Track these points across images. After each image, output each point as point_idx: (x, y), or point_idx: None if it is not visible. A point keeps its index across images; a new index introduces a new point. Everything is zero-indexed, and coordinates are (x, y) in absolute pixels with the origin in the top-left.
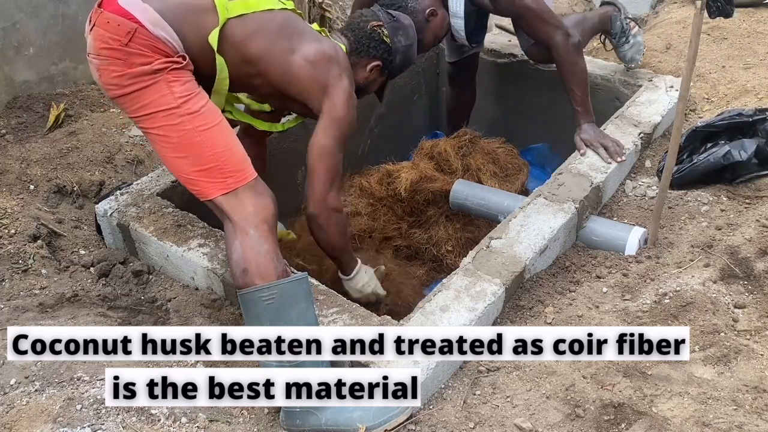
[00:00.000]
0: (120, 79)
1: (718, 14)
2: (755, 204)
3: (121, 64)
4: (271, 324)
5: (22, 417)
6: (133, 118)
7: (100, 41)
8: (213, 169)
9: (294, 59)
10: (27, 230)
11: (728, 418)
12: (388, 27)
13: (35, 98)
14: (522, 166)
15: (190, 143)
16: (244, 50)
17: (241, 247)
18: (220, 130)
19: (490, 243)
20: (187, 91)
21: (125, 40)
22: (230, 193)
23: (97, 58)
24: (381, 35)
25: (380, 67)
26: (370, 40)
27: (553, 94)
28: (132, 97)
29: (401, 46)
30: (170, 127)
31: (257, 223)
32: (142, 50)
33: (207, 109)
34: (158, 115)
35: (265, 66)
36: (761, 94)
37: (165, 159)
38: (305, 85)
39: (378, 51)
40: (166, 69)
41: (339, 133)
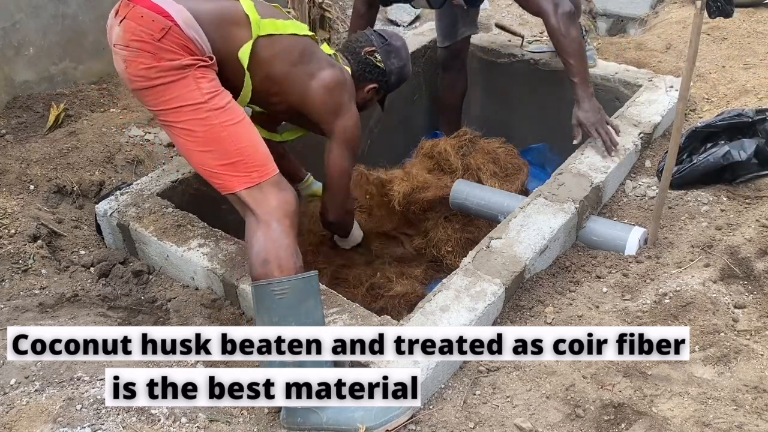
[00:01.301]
0: (148, 72)
1: (718, 14)
2: (755, 204)
3: (151, 58)
4: (280, 318)
5: (22, 417)
6: (155, 111)
7: (131, 33)
8: (238, 164)
9: (313, 85)
10: (27, 230)
11: (728, 418)
12: (381, 51)
13: (35, 98)
14: (522, 166)
15: (216, 138)
16: (269, 69)
17: (263, 239)
18: (244, 126)
19: (490, 243)
20: (213, 87)
21: (158, 36)
22: (254, 187)
23: (126, 49)
24: (374, 61)
25: (376, 88)
26: (365, 66)
27: (553, 93)
28: (157, 91)
29: (395, 68)
30: (197, 122)
31: (280, 217)
32: (173, 47)
33: (232, 106)
34: (185, 109)
35: (287, 87)
36: (761, 94)
37: (188, 153)
38: (321, 109)
39: (373, 75)
40: (194, 66)
41: (351, 153)
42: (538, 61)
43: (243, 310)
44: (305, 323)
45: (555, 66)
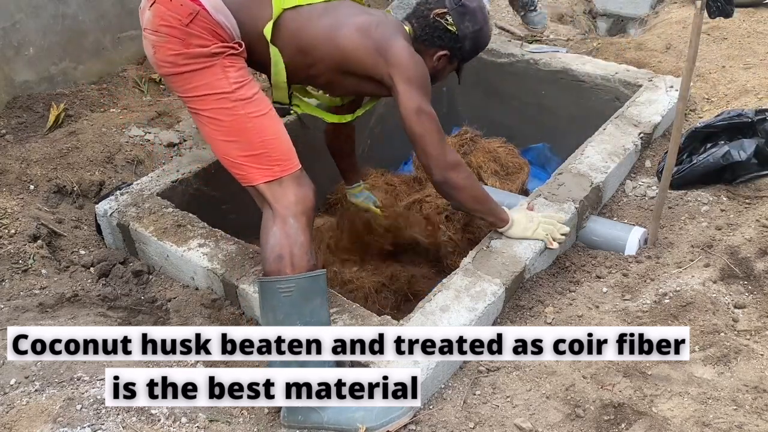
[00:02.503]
0: (176, 58)
1: (718, 14)
2: (755, 204)
3: (179, 44)
4: (285, 316)
5: (22, 417)
6: (182, 98)
7: (160, 18)
8: (261, 156)
9: (341, 33)
10: (27, 230)
11: (728, 418)
12: (454, 13)
13: (35, 98)
14: (522, 165)
15: (241, 128)
16: (299, 40)
17: (279, 234)
18: (270, 118)
19: (490, 243)
20: (241, 77)
21: (186, 20)
22: (275, 181)
23: (155, 34)
24: (445, 24)
25: (448, 56)
26: (434, 30)
27: (553, 94)
28: (185, 77)
29: (469, 33)
30: (222, 111)
31: (297, 213)
32: (202, 33)
33: (259, 97)
34: (211, 97)
35: (319, 52)
36: (761, 94)
37: (212, 142)
38: (360, 54)
39: (443, 40)
40: (223, 54)
41: (421, 90)
42: (538, 61)
43: (243, 310)
44: (310, 323)
45: (555, 66)
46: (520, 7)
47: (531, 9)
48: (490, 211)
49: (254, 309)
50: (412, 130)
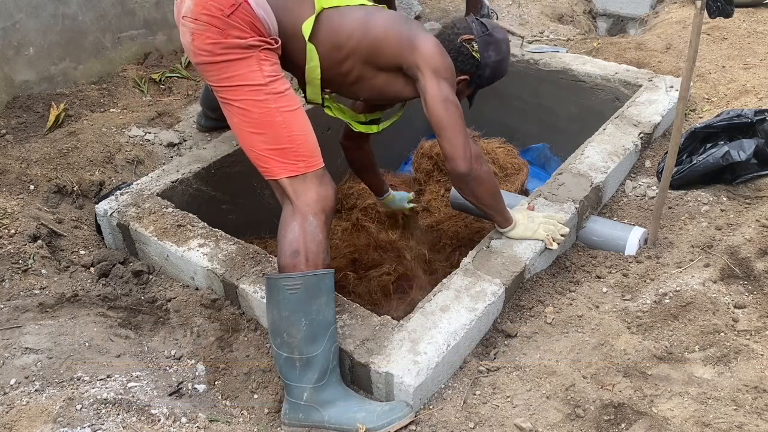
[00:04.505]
0: (213, 47)
1: (718, 14)
2: (755, 204)
3: (218, 33)
4: (290, 313)
5: (22, 417)
6: (215, 87)
7: (202, 6)
8: (287, 150)
9: (372, 21)
10: (27, 230)
11: (728, 418)
12: (480, 41)
13: (35, 98)
14: (522, 166)
15: (270, 121)
16: (335, 37)
17: (298, 230)
18: (299, 114)
19: (490, 243)
20: (275, 72)
21: (228, 11)
22: (298, 177)
23: (194, 22)
24: (470, 50)
25: (468, 81)
26: (458, 54)
27: (553, 94)
28: (221, 67)
29: (491, 62)
30: (253, 103)
31: (317, 211)
32: (241, 25)
33: (290, 93)
34: (244, 88)
35: (351, 42)
36: (761, 94)
37: (240, 133)
38: (391, 40)
39: (466, 66)
40: (259, 47)
41: (448, 81)
42: (538, 61)
43: (243, 310)
44: (315, 320)
45: (555, 66)
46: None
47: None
48: (501, 209)
49: (254, 309)
50: (439, 119)
